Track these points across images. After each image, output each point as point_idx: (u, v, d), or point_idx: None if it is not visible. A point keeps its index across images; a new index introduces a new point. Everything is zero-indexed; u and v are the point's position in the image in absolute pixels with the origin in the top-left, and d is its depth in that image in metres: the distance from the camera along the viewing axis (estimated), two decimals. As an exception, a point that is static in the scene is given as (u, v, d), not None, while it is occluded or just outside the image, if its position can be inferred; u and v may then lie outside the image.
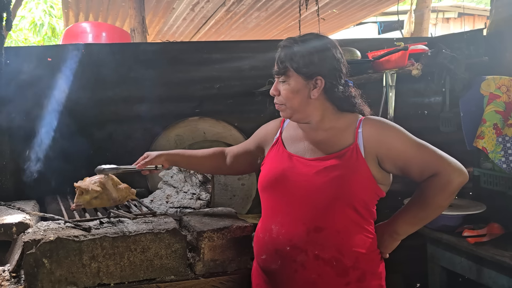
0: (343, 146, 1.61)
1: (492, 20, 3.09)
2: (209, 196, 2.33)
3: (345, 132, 1.64)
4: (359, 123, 1.63)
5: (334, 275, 1.57)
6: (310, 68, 1.60)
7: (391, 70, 2.70)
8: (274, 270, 1.63)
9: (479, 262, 2.34)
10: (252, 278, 1.79)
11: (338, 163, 1.58)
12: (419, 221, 1.66)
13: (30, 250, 1.66)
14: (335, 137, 1.64)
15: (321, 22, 5.95)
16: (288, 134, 1.76)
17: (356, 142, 1.60)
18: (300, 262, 1.58)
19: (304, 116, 1.66)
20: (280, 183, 1.64)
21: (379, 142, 1.59)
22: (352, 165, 1.57)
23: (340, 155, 1.59)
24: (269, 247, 1.64)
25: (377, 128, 1.61)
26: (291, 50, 1.62)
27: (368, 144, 1.59)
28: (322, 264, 1.56)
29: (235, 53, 2.93)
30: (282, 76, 1.64)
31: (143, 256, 1.79)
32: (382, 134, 1.60)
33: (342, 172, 1.56)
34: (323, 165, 1.59)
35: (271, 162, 1.73)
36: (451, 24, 9.88)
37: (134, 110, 2.73)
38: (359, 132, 1.61)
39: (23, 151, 2.47)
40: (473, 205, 2.64)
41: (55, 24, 10.67)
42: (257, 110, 2.91)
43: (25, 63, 2.49)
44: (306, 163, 1.63)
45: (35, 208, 2.19)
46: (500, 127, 2.70)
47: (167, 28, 6.84)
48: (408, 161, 1.59)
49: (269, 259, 1.64)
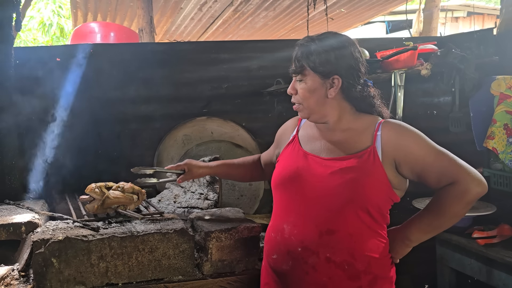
0: (361, 148, 1.59)
1: (502, 19, 3.06)
2: (216, 196, 2.33)
3: (363, 134, 1.61)
4: (378, 126, 1.61)
5: (346, 279, 1.55)
6: (327, 67, 1.58)
7: (400, 70, 2.69)
8: (285, 271, 1.62)
9: (489, 264, 2.31)
10: (261, 276, 1.77)
11: (354, 165, 1.55)
12: (433, 229, 1.63)
13: (39, 250, 1.67)
14: (353, 139, 1.62)
15: (329, 22, 5.93)
16: (305, 133, 1.74)
17: (374, 145, 1.57)
18: (312, 264, 1.56)
19: (321, 116, 1.64)
20: (294, 182, 1.62)
21: (398, 146, 1.56)
22: (369, 168, 1.55)
23: (357, 157, 1.57)
24: (281, 247, 1.63)
25: (396, 132, 1.58)
26: (308, 48, 1.60)
27: (386, 148, 1.56)
28: (334, 267, 1.54)
29: (243, 53, 2.93)
30: (299, 75, 1.62)
31: (151, 256, 1.79)
32: (401, 139, 1.57)
33: (358, 175, 1.54)
34: (339, 165, 1.57)
35: (286, 160, 1.71)
36: (460, 23, 9.81)
37: (142, 110, 2.74)
38: (377, 135, 1.59)
39: (32, 150, 2.48)
40: (483, 206, 2.61)
41: (64, 24, 10.73)
42: (265, 110, 2.91)
43: (34, 63, 2.50)
44: (322, 162, 1.61)
45: (44, 208, 2.20)
46: (511, 127, 2.67)
47: (175, 28, 6.85)
48: (426, 168, 1.56)
49: (281, 259, 1.63)
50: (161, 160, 2.76)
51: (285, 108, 2.83)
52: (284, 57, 2.88)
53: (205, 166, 1.99)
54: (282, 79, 2.83)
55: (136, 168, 1.95)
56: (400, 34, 7.29)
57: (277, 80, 2.85)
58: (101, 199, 1.89)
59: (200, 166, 1.97)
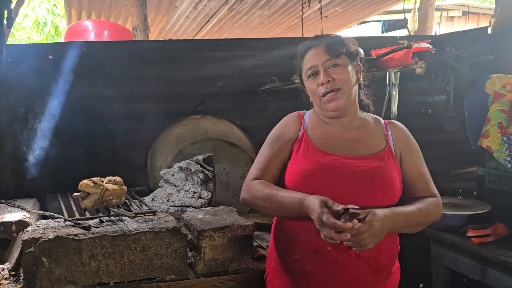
0: (379, 147, 1.69)
1: (497, 18, 3.06)
2: (210, 195, 2.31)
3: (375, 133, 1.73)
4: (386, 126, 1.75)
5: (370, 274, 1.58)
6: (353, 50, 1.70)
7: (395, 69, 2.68)
8: (308, 270, 1.61)
9: (483, 263, 2.31)
10: (271, 277, 1.75)
11: (380, 164, 1.64)
12: (411, 227, 1.63)
13: (29, 249, 1.65)
14: (368, 137, 1.71)
15: (324, 21, 5.91)
16: (316, 131, 1.73)
17: (389, 144, 1.71)
18: (341, 262, 1.57)
19: (350, 106, 1.70)
20: (318, 180, 1.59)
21: (406, 147, 1.72)
22: (391, 166, 1.66)
23: (379, 156, 1.66)
24: (305, 246, 1.61)
25: (404, 134, 1.75)
26: (336, 37, 1.72)
27: (396, 147, 1.71)
28: (362, 264, 1.56)
29: (237, 51, 2.91)
30: (337, 59, 1.66)
31: (143, 255, 1.77)
32: (408, 141, 1.74)
33: (386, 173, 1.63)
34: (365, 164, 1.63)
35: (303, 158, 1.66)
36: (455, 22, 9.84)
37: (136, 108, 2.72)
38: (389, 135, 1.73)
39: (23, 149, 2.46)
40: (478, 204, 2.61)
41: (58, 22, 10.69)
42: (259, 108, 2.89)
43: (26, 61, 2.47)
44: (346, 161, 1.63)
45: (35, 206, 2.18)
46: (505, 126, 2.67)
47: (170, 26, 6.83)
48: (420, 173, 1.71)
49: (305, 258, 1.61)
50: (154, 158, 2.74)
51: (279, 106, 2.82)
52: (278, 55, 2.89)
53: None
54: (276, 78, 2.82)
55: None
56: (396, 34, 7.30)
57: (272, 79, 2.84)
58: (99, 193, 1.88)
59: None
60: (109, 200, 1.94)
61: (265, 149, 1.75)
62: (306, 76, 1.72)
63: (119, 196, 1.98)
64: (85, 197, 1.89)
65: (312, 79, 1.69)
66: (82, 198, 1.90)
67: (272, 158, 1.71)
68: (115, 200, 1.97)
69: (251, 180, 1.69)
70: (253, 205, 1.70)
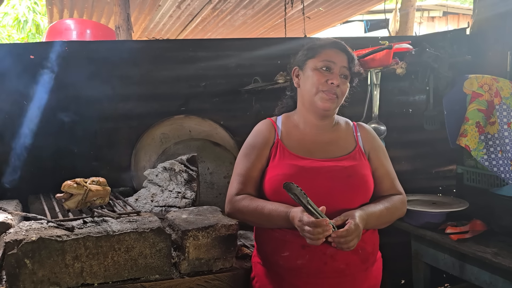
0: (351, 148, 1.82)
1: (475, 19, 3.12)
2: (194, 195, 2.32)
3: (347, 135, 1.86)
4: (355, 128, 1.89)
5: (359, 262, 1.69)
6: (359, 72, 1.89)
7: (376, 69, 2.71)
8: (300, 265, 1.67)
9: (461, 259, 2.36)
10: (259, 276, 1.79)
11: (354, 163, 1.76)
12: (381, 225, 1.78)
13: (12, 251, 1.64)
14: (341, 140, 1.84)
15: (307, 21, 5.97)
16: (290, 136, 1.82)
17: (359, 144, 1.84)
18: (330, 254, 1.64)
19: (334, 113, 1.85)
20: (298, 182, 1.56)
21: (373, 146, 1.86)
22: (364, 165, 1.79)
23: (352, 156, 1.79)
24: (293, 243, 1.67)
25: (371, 135, 1.89)
26: (353, 54, 1.84)
27: (365, 147, 1.84)
28: (350, 253, 1.64)
29: (220, 51, 2.92)
30: (349, 72, 1.81)
31: (127, 256, 1.77)
32: (375, 142, 1.88)
33: (361, 172, 1.75)
34: (341, 164, 1.74)
35: (281, 167, 1.73)
36: (436, 23, 9.99)
37: (119, 108, 2.71)
38: (358, 136, 1.86)
39: (4, 150, 2.43)
40: (456, 202, 2.67)
41: (39, 21, 10.53)
42: (243, 108, 2.91)
43: (6, 61, 2.44)
44: (323, 163, 1.73)
45: (17, 208, 2.16)
46: (483, 125, 2.73)
47: (153, 25, 6.79)
48: (386, 172, 1.84)
49: (294, 255, 1.68)
50: (138, 159, 2.74)
51: (263, 106, 2.83)
52: (261, 55, 2.91)
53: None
54: (259, 78, 2.84)
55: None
56: (378, 33, 7.39)
57: (255, 78, 2.86)
58: (83, 193, 1.88)
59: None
60: (93, 200, 1.94)
61: (242, 160, 1.82)
62: (314, 66, 1.78)
63: (103, 197, 1.98)
64: (68, 198, 1.89)
65: (322, 71, 1.76)
66: (65, 199, 1.89)
67: (250, 168, 1.79)
68: (98, 200, 1.96)
69: (234, 195, 1.78)
70: (240, 219, 1.83)
